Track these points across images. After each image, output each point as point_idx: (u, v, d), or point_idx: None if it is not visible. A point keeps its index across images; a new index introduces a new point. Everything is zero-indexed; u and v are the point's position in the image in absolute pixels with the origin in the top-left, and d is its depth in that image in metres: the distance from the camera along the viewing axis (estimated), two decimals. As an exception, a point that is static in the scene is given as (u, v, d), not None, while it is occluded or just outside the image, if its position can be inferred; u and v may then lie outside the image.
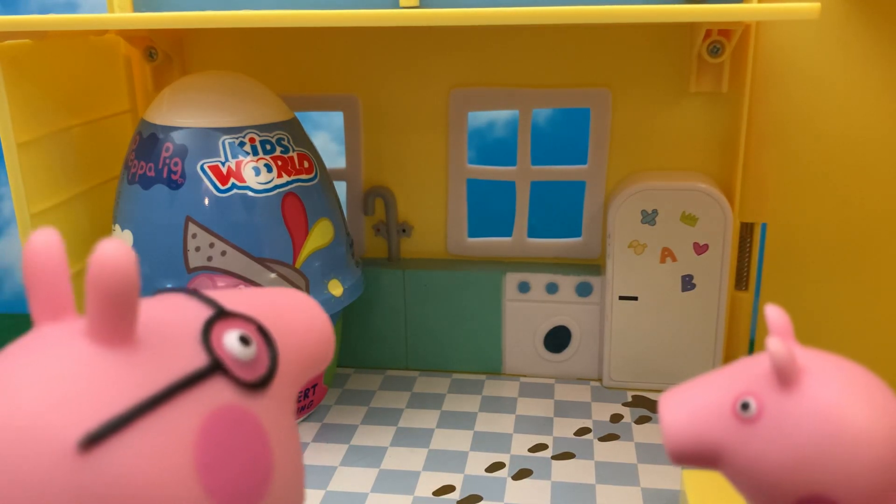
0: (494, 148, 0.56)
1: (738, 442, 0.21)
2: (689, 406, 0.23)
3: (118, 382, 0.15)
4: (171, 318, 0.17)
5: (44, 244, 0.16)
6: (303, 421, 0.42)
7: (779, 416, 0.21)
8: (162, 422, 0.15)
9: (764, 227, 0.45)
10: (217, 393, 0.16)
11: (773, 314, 0.23)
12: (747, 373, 0.22)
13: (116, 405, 0.15)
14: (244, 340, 0.17)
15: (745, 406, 0.21)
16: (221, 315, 0.18)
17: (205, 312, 0.18)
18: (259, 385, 0.17)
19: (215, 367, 0.17)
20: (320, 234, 0.39)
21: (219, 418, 0.16)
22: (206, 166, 0.36)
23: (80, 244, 0.42)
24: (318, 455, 0.39)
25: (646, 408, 0.43)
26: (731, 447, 0.22)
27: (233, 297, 0.19)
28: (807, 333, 0.46)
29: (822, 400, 0.20)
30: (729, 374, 0.23)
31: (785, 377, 0.21)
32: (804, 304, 0.45)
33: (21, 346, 0.16)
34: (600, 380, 0.47)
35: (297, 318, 0.20)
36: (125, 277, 0.15)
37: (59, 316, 0.16)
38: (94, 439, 0.14)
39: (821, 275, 0.45)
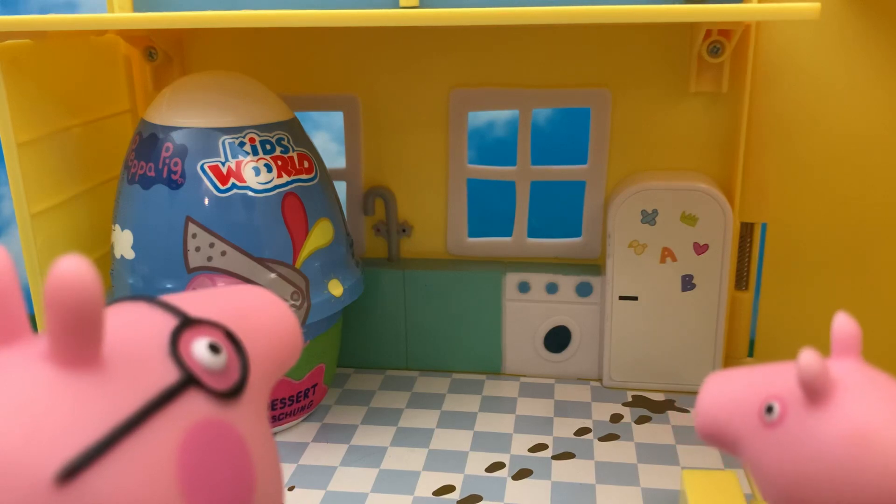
0: (494, 148, 0.56)
1: (757, 441, 0.22)
2: (725, 393, 0.23)
3: (89, 408, 0.14)
4: (136, 333, 0.16)
5: None
6: (303, 421, 0.42)
7: (800, 428, 0.20)
8: (140, 444, 0.14)
9: (764, 227, 0.45)
10: (193, 407, 0.16)
11: (842, 324, 0.22)
12: (787, 375, 0.22)
13: (91, 432, 0.14)
14: (214, 348, 0.17)
15: (769, 409, 0.21)
16: (187, 324, 0.17)
17: (170, 322, 0.17)
18: (233, 394, 0.17)
19: (188, 380, 0.16)
20: (320, 234, 0.39)
21: (197, 434, 0.15)
22: (206, 166, 0.36)
23: (80, 244, 0.42)
24: (318, 455, 0.39)
25: (646, 408, 0.43)
26: (750, 444, 0.22)
27: (195, 302, 0.18)
28: (806, 333, 0.46)
29: (848, 421, 0.20)
30: (773, 372, 0.23)
31: (812, 392, 0.20)
32: (804, 304, 0.45)
33: None
34: (600, 380, 0.47)
35: (264, 318, 0.19)
36: (88, 295, 0.14)
37: (13, 339, 0.15)
38: (71, 471, 0.13)
39: (821, 275, 0.45)
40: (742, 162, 0.43)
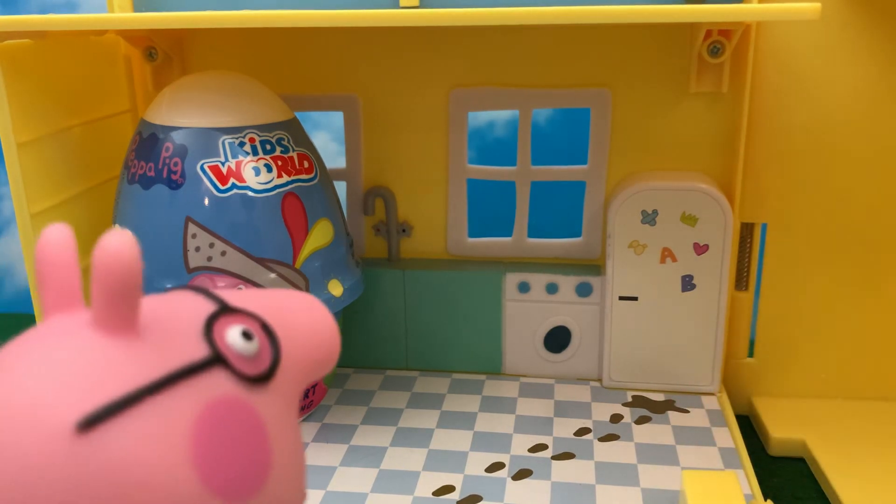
0: (494, 148, 0.56)
1: None
2: None
3: (118, 369, 0.15)
4: (175, 312, 0.17)
5: (56, 237, 0.17)
6: (303, 421, 0.42)
7: None
8: (160, 408, 0.15)
9: (764, 227, 0.45)
10: (217, 384, 0.16)
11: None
12: None
13: (115, 390, 0.15)
14: (246, 335, 0.18)
15: None
16: (225, 311, 0.18)
17: (208, 307, 0.18)
18: (260, 380, 0.17)
19: (216, 359, 0.17)
20: (320, 234, 0.39)
21: (217, 408, 0.16)
22: (206, 166, 0.36)
23: (81, 244, 0.42)
24: (318, 455, 0.39)
25: (646, 408, 0.43)
26: None
27: (239, 296, 0.19)
28: (806, 334, 0.46)
29: None
30: None
31: None
32: (804, 304, 0.45)
33: (29, 335, 0.16)
34: (600, 380, 0.47)
35: (303, 319, 0.20)
36: (128, 267, 0.15)
37: (67, 308, 0.17)
38: (91, 421, 0.14)
39: (821, 275, 0.45)
40: (742, 162, 0.43)
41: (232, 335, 0.17)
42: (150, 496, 0.15)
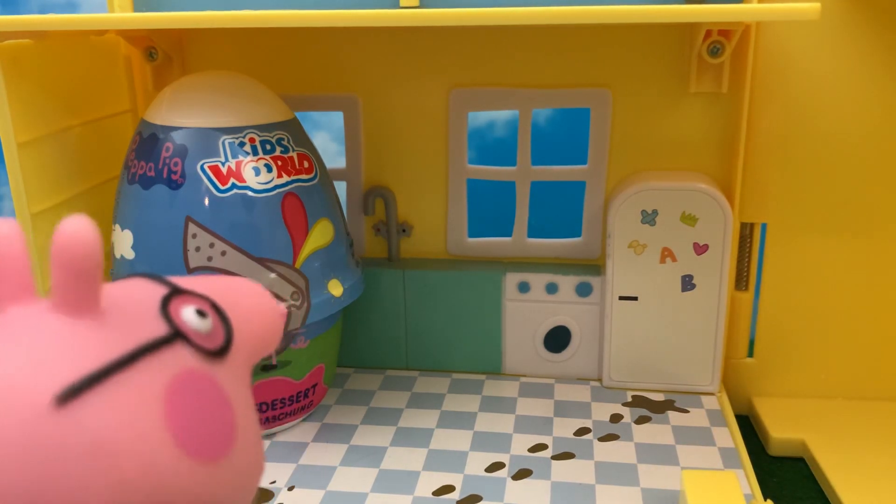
0: (494, 148, 0.56)
1: None
2: None
3: (87, 346, 0.16)
4: (130, 296, 0.18)
5: (6, 230, 0.17)
6: (303, 421, 0.42)
7: None
8: (132, 380, 0.16)
9: (764, 227, 0.45)
10: (181, 357, 0.17)
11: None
12: None
13: (88, 365, 0.16)
14: (200, 313, 0.19)
15: None
16: (177, 292, 0.19)
17: (162, 290, 0.19)
18: (218, 353, 0.19)
19: (177, 334, 0.18)
20: (320, 234, 0.39)
21: (184, 379, 0.17)
22: (206, 166, 0.36)
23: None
24: (318, 455, 0.39)
25: (646, 408, 0.43)
26: None
27: (188, 281, 0.20)
28: (806, 334, 0.46)
29: None
30: None
31: None
32: (804, 304, 0.45)
33: None
34: (600, 380, 0.47)
35: (247, 300, 0.21)
36: (89, 248, 0.16)
37: (22, 299, 0.17)
38: (69, 395, 0.15)
39: (821, 275, 0.45)
40: (742, 162, 0.43)
41: (187, 313, 0.18)
42: (131, 461, 0.15)
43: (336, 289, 0.40)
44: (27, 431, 0.15)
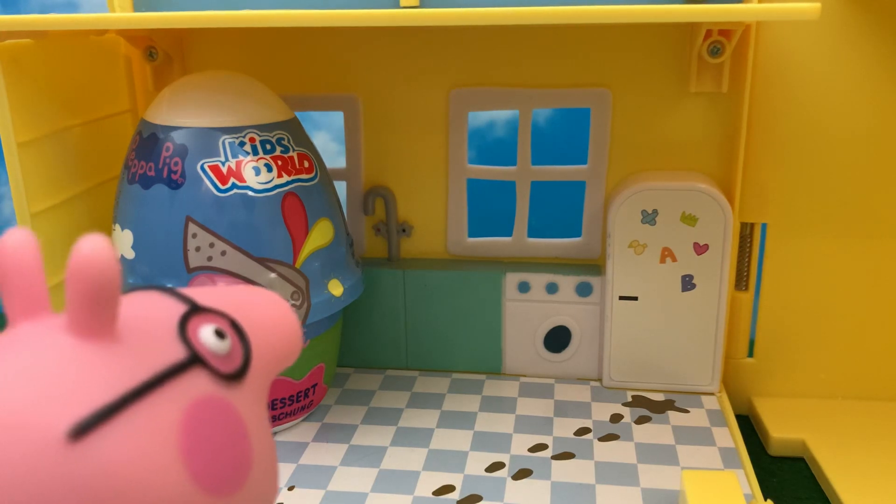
0: (494, 148, 0.56)
1: None
2: None
3: (102, 374, 0.15)
4: (148, 314, 0.18)
5: (19, 242, 0.16)
6: (303, 421, 0.42)
7: None
8: (147, 411, 0.15)
9: (764, 227, 0.45)
10: (197, 384, 0.17)
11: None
12: None
13: (102, 396, 0.15)
14: (219, 334, 0.18)
15: None
16: (195, 310, 0.18)
17: (180, 308, 0.18)
18: (235, 377, 0.18)
19: (194, 359, 0.17)
20: (320, 234, 0.39)
21: (201, 407, 0.16)
22: (206, 166, 0.36)
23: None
24: (318, 455, 0.39)
25: (646, 408, 0.43)
26: None
27: (205, 294, 0.19)
28: (806, 334, 0.46)
29: None
30: None
31: None
32: (804, 304, 0.45)
33: (1, 342, 0.16)
34: (600, 380, 0.47)
35: (267, 314, 0.21)
36: (107, 271, 0.15)
37: (35, 314, 0.16)
38: (83, 429, 0.14)
39: (821, 275, 0.45)
40: (742, 162, 0.43)
41: (205, 334, 0.18)
42: (145, 497, 0.15)
43: (336, 289, 0.40)
44: (38, 466, 0.14)
